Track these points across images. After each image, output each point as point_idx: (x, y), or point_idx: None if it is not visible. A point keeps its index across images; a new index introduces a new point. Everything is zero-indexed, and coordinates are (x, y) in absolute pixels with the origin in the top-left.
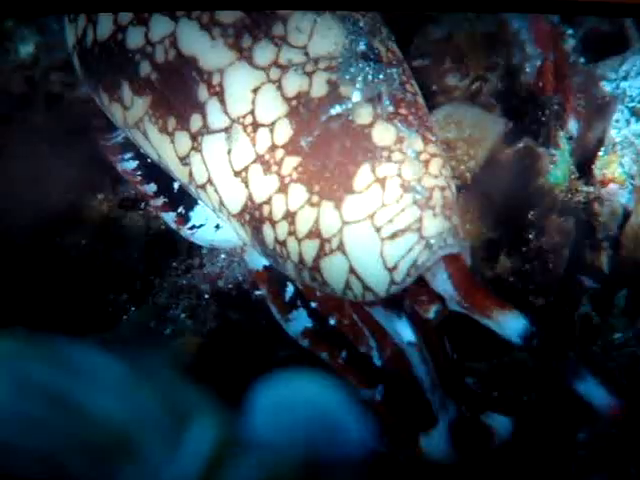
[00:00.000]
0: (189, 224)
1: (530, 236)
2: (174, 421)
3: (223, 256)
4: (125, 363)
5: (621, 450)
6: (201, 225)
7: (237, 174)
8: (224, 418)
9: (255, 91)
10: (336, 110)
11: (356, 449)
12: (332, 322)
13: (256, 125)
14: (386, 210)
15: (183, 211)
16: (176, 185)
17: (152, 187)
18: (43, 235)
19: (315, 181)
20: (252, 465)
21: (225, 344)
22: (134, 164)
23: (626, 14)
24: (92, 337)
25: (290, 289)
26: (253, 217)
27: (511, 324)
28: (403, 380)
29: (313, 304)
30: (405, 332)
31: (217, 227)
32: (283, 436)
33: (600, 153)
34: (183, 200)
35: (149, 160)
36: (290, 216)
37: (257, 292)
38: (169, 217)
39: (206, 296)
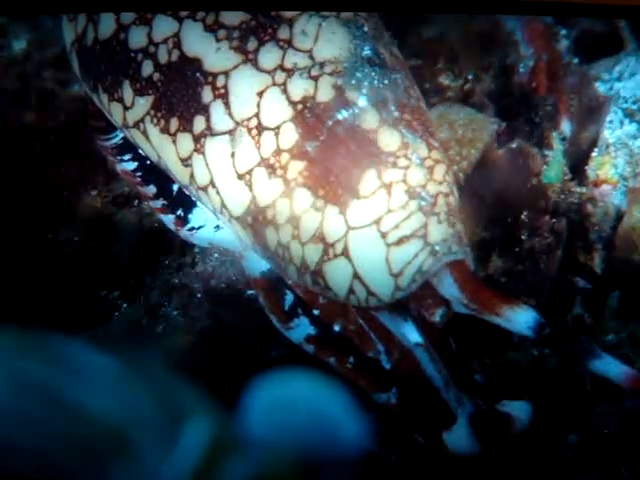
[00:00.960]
0: (188, 226)
1: (522, 236)
2: (168, 420)
3: (216, 255)
4: (119, 361)
5: (613, 451)
6: (200, 227)
7: (241, 177)
8: (219, 417)
9: (260, 94)
10: (342, 115)
11: (351, 448)
12: (337, 329)
13: (261, 128)
14: (392, 216)
15: (182, 213)
16: (175, 187)
17: (151, 189)
18: (35, 231)
19: (320, 185)
20: (247, 464)
21: (217, 343)
22: (133, 165)
23: (621, 16)
24: (83, 334)
25: (289, 297)
26: (256, 220)
27: (521, 318)
28: (415, 381)
29: (315, 311)
30: (412, 334)
31: (217, 227)
32: (278, 435)
33: (593, 154)
34: (182, 202)
35: (148, 162)
36: (294, 220)
37: (250, 291)
38: (168, 219)
39: (198, 295)
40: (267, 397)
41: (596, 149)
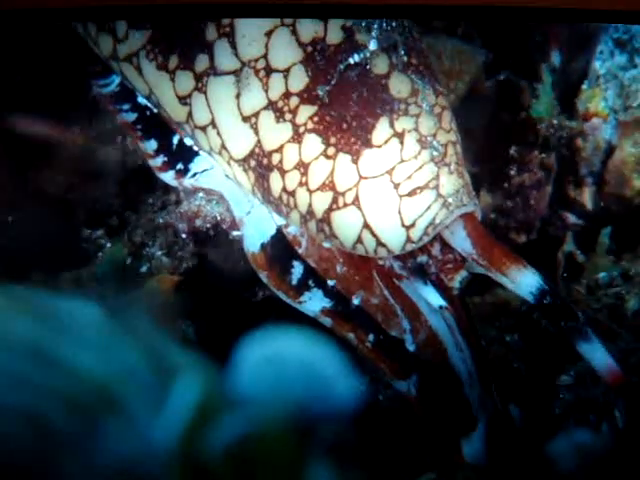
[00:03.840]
0: (189, 174)
1: (512, 172)
2: (157, 375)
3: (201, 194)
4: (105, 312)
5: (605, 393)
6: (205, 170)
7: (246, 119)
8: (209, 373)
9: (269, 34)
10: (353, 59)
11: (344, 404)
12: (356, 302)
13: (269, 70)
14: (404, 166)
15: (182, 166)
16: (176, 139)
17: (152, 144)
18: (16, 169)
19: (332, 133)
20: (239, 422)
21: (203, 283)
22: (133, 116)
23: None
24: (67, 274)
25: (298, 269)
26: (260, 164)
27: (525, 281)
28: (439, 369)
29: (330, 282)
30: (434, 298)
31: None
32: (270, 391)
33: (583, 86)
34: (182, 155)
35: (148, 112)
36: (303, 167)
37: (236, 232)
38: (168, 176)
39: (183, 235)
40: (258, 352)
41: (586, 81)
